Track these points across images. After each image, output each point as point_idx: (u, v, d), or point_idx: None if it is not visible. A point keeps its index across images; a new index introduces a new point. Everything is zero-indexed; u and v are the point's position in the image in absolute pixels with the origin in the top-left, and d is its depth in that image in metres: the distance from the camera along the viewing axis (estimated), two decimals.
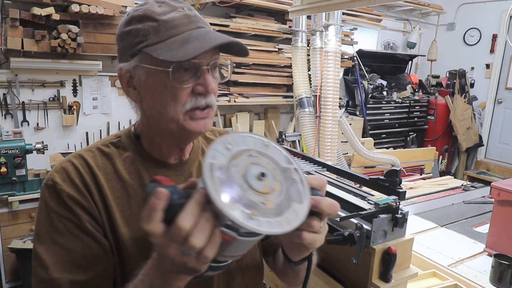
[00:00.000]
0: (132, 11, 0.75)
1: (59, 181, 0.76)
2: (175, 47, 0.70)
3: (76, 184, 0.76)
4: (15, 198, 2.75)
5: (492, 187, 1.66)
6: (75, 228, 0.73)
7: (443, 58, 5.88)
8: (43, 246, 0.73)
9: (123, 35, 0.75)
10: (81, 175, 0.77)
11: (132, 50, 0.73)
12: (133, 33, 0.73)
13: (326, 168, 1.43)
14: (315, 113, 3.46)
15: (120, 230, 0.77)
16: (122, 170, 0.80)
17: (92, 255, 0.74)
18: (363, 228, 1.05)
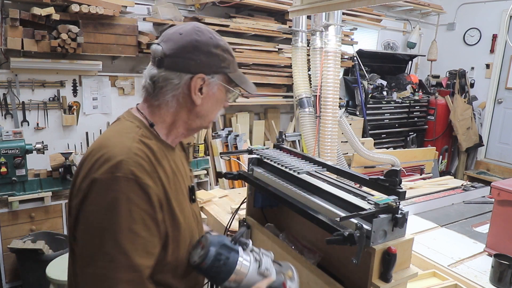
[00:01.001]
0: (216, 39, 0.96)
1: (140, 175, 0.82)
2: (243, 81, 1.02)
3: (153, 176, 0.85)
4: (15, 198, 2.75)
5: (492, 187, 1.66)
6: (149, 219, 0.83)
7: (443, 58, 5.88)
8: (122, 235, 0.78)
9: (210, 54, 0.95)
10: (153, 166, 0.87)
11: (217, 69, 0.96)
12: (220, 58, 0.96)
13: (326, 168, 1.43)
14: (315, 113, 3.46)
15: (178, 217, 0.91)
16: (160, 157, 0.92)
17: (155, 242, 0.85)
18: (363, 228, 1.05)
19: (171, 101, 0.95)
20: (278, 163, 1.46)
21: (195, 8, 3.79)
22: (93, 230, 0.79)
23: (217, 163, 3.85)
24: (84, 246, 0.81)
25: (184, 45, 0.93)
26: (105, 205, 0.79)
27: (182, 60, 0.93)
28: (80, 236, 0.82)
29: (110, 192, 0.79)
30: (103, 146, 0.86)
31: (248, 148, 1.68)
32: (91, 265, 0.78)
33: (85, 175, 0.83)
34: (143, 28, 3.49)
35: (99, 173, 0.81)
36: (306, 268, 1.30)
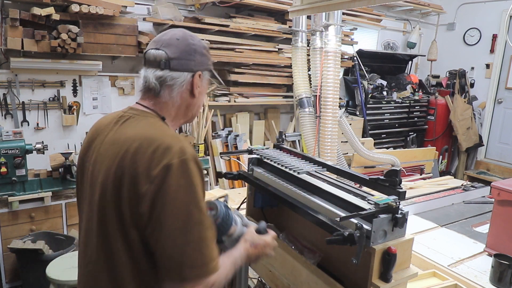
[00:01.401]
0: (202, 42, 1.13)
1: (196, 156, 0.98)
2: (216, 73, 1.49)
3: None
4: (15, 198, 2.75)
5: (492, 187, 1.66)
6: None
7: (443, 58, 5.88)
8: (202, 203, 0.95)
9: (202, 54, 1.11)
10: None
11: (207, 66, 1.13)
12: (208, 57, 1.14)
13: (326, 168, 1.43)
14: (315, 113, 3.46)
15: None
16: None
17: None
18: (363, 228, 1.05)
19: (175, 97, 1.08)
20: (278, 163, 1.46)
21: (195, 8, 3.79)
22: (180, 205, 0.91)
23: (217, 163, 3.85)
24: (174, 221, 0.90)
25: (185, 49, 1.07)
26: (184, 183, 0.92)
27: (185, 61, 1.07)
28: (167, 214, 0.90)
29: (185, 172, 0.92)
30: (152, 139, 0.96)
31: (248, 148, 1.68)
32: (185, 233, 0.91)
33: (151, 165, 0.92)
34: (143, 28, 3.49)
35: (169, 159, 0.92)
36: (306, 268, 1.30)
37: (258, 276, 1.88)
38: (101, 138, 1.05)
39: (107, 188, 0.95)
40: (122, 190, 0.93)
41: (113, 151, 0.98)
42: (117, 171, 0.94)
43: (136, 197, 0.91)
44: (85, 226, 1.05)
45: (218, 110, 4.11)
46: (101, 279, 0.99)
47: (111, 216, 0.95)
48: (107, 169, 0.96)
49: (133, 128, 1.01)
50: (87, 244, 1.03)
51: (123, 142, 0.97)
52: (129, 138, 0.97)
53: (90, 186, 1.02)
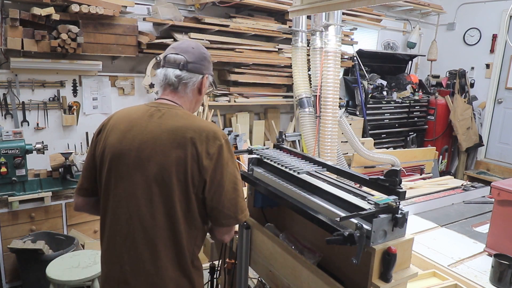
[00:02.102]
0: (208, 52, 1.42)
1: None
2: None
3: None
4: (15, 198, 2.74)
5: (492, 187, 1.66)
6: None
7: (443, 58, 5.88)
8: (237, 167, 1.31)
9: (209, 61, 1.41)
10: None
11: (211, 71, 1.42)
12: (211, 64, 1.43)
13: (326, 168, 1.43)
14: (315, 113, 3.46)
15: None
16: None
17: None
18: (363, 228, 1.05)
19: (189, 93, 1.36)
20: (278, 163, 1.47)
21: (195, 8, 3.79)
22: (231, 171, 1.27)
23: None
24: (229, 183, 1.25)
25: (199, 56, 1.36)
26: (230, 156, 1.28)
27: (198, 65, 1.35)
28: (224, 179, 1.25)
29: (229, 148, 1.28)
30: (201, 127, 1.25)
31: (248, 148, 1.68)
32: (236, 190, 1.28)
33: (208, 146, 1.23)
34: (143, 28, 3.49)
35: (220, 141, 1.25)
36: (306, 268, 1.30)
37: (258, 276, 1.88)
38: (140, 129, 1.27)
39: (168, 166, 1.21)
40: (186, 166, 1.21)
41: (168, 138, 1.23)
42: (179, 153, 1.21)
43: (199, 169, 1.22)
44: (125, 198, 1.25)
45: (218, 110, 4.11)
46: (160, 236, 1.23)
47: (173, 186, 1.21)
48: (165, 152, 1.22)
49: (176, 119, 1.27)
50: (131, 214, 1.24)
51: (175, 131, 1.23)
52: (180, 127, 1.24)
53: (134, 168, 1.24)
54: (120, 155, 1.26)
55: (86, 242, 2.92)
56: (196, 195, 1.23)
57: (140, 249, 1.23)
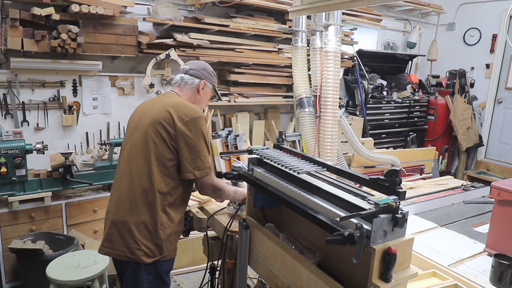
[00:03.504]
0: (210, 67, 1.93)
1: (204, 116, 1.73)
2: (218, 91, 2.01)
3: None
4: (15, 198, 2.74)
5: (492, 187, 1.66)
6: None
7: (443, 58, 5.88)
8: (205, 139, 1.69)
9: (210, 74, 1.91)
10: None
11: (210, 81, 1.91)
12: (212, 76, 1.92)
13: (326, 168, 1.43)
14: (315, 113, 3.46)
15: None
16: None
17: None
18: (363, 228, 1.05)
19: (188, 90, 1.86)
20: (278, 163, 1.46)
21: (195, 8, 3.79)
22: (194, 136, 1.66)
23: (217, 163, 3.85)
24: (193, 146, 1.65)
25: (199, 66, 1.89)
26: (198, 127, 1.67)
27: (197, 72, 1.87)
28: (190, 142, 1.65)
29: (201, 121, 1.69)
30: (185, 104, 1.71)
31: (248, 148, 1.68)
32: (200, 152, 1.67)
33: (184, 114, 1.66)
34: (143, 28, 3.49)
35: (194, 114, 1.67)
36: (306, 268, 1.30)
37: (258, 276, 1.88)
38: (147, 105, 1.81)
39: (155, 124, 1.65)
40: (165, 125, 1.64)
41: (158, 107, 1.70)
42: (164, 115, 1.65)
43: (173, 129, 1.64)
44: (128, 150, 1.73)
45: (218, 110, 4.11)
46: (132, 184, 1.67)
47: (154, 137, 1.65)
48: (155, 115, 1.67)
49: (170, 99, 1.75)
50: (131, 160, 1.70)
51: (164, 104, 1.70)
52: (169, 102, 1.71)
53: (136, 128, 1.73)
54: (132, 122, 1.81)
55: (86, 242, 2.92)
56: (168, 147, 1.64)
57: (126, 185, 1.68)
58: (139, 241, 1.62)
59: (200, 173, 1.66)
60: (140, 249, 1.62)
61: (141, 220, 1.63)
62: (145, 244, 1.63)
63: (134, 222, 1.64)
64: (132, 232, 1.63)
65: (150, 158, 1.64)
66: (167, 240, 1.67)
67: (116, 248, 1.66)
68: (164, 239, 1.66)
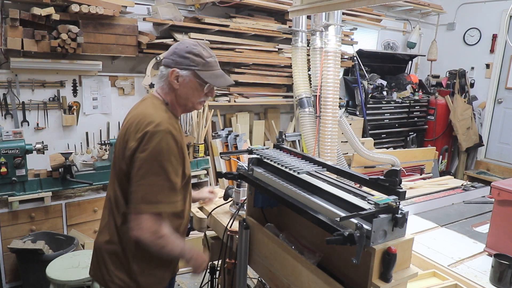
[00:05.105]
0: (190, 48, 1.40)
1: (172, 130, 1.34)
2: (213, 77, 1.44)
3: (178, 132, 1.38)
4: (15, 198, 2.74)
5: (492, 187, 1.66)
6: (178, 156, 1.36)
7: (443, 58, 5.88)
8: (167, 163, 1.32)
9: (182, 56, 1.40)
10: (177, 127, 1.40)
11: (187, 66, 1.40)
12: (190, 59, 1.40)
13: (326, 168, 1.43)
14: (315, 113, 3.47)
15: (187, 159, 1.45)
16: (175, 123, 1.42)
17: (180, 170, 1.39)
18: (363, 228, 1.05)
19: (165, 87, 1.45)
20: (278, 163, 1.46)
21: (195, 8, 3.79)
22: (147, 160, 1.30)
23: (217, 163, 3.85)
24: (140, 168, 1.30)
25: (169, 51, 1.44)
26: (153, 145, 1.30)
27: (167, 60, 1.43)
28: (138, 165, 1.31)
29: (156, 138, 1.30)
30: (145, 114, 1.36)
31: (248, 148, 1.68)
32: (145, 178, 1.30)
33: (137, 131, 1.33)
34: (143, 28, 3.49)
35: (149, 128, 1.31)
36: (306, 268, 1.30)
37: (258, 276, 1.88)
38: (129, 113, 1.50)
39: (119, 139, 1.43)
40: (122, 142, 1.39)
41: (127, 121, 1.43)
42: (123, 130, 1.41)
43: (128, 149, 1.34)
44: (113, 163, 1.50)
45: (218, 110, 4.11)
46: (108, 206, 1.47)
47: (118, 160, 1.41)
48: (121, 133, 1.43)
49: (141, 107, 1.43)
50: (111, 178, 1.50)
51: (132, 115, 1.42)
52: (137, 110, 1.43)
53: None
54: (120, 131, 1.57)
55: (86, 242, 2.92)
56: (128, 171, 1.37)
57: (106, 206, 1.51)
58: (112, 272, 1.41)
59: (147, 208, 1.29)
60: (113, 281, 1.41)
61: (112, 248, 1.42)
62: (118, 276, 1.41)
63: (106, 250, 1.44)
64: (105, 260, 1.43)
65: (115, 180, 1.42)
66: (144, 273, 1.41)
67: (95, 275, 1.50)
68: (139, 272, 1.40)
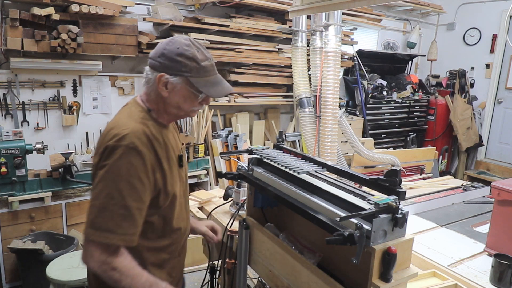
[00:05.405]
0: (182, 49, 1.18)
1: (138, 145, 1.12)
2: (208, 85, 1.22)
3: (148, 148, 1.15)
4: (15, 198, 2.75)
5: (492, 187, 1.66)
6: (144, 176, 1.14)
7: (443, 58, 5.88)
8: (122, 183, 1.10)
9: (172, 60, 1.18)
10: (149, 140, 1.17)
11: (177, 72, 1.18)
12: (182, 64, 1.18)
13: (326, 168, 1.43)
14: (315, 113, 3.47)
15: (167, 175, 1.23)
16: (155, 133, 1.21)
17: (147, 192, 1.16)
18: (363, 228, 1.04)
19: (151, 91, 1.24)
20: (278, 163, 1.46)
21: (195, 8, 3.79)
22: (103, 178, 1.11)
23: (217, 163, 3.85)
24: (95, 188, 1.13)
25: (156, 51, 1.21)
26: (111, 163, 1.10)
27: (154, 62, 1.21)
28: (94, 183, 1.14)
29: (116, 154, 1.11)
30: (115, 125, 1.17)
31: (248, 148, 1.68)
32: (97, 199, 1.11)
33: (101, 145, 1.16)
34: (143, 28, 3.49)
35: (110, 142, 1.12)
36: (306, 268, 1.30)
37: (258, 276, 1.88)
38: None
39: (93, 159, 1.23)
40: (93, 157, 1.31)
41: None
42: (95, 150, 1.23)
43: (93, 165, 1.20)
44: None
45: (218, 110, 4.11)
46: None
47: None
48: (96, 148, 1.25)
49: (117, 116, 1.25)
50: None
51: (106, 125, 1.24)
52: (108, 123, 1.24)
53: None
54: None
55: None
56: None
57: None
58: None
59: (95, 236, 1.08)
60: None
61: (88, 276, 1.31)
62: None
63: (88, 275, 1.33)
64: None
65: None
66: None
67: None
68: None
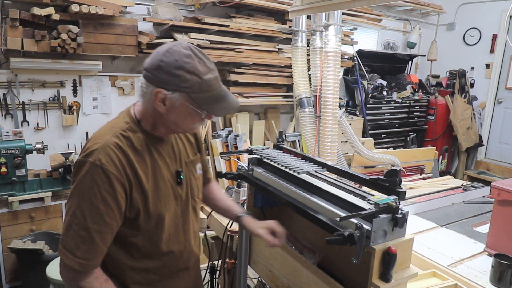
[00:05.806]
0: (182, 62, 1.05)
1: (105, 163, 1.05)
2: (212, 101, 1.10)
3: (117, 165, 1.06)
4: (15, 198, 2.75)
5: (492, 187, 1.66)
6: (109, 197, 1.06)
7: (443, 58, 5.88)
8: (84, 203, 1.05)
9: (170, 74, 1.05)
10: (118, 157, 1.07)
11: (177, 87, 1.06)
12: (181, 79, 1.05)
13: (326, 168, 1.43)
14: (315, 113, 3.47)
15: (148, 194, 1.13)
16: (139, 147, 1.13)
17: (112, 215, 1.08)
18: (363, 228, 1.05)
19: (147, 104, 1.13)
20: (278, 163, 1.46)
21: (195, 8, 3.79)
22: (72, 195, 1.08)
23: (217, 163, 3.85)
24: (67, 202, 1.10)
25: (152, 63, 1.08)
26: (77, 179, 1.06)
27: (149, 74, 1.08)
28: (68, 197, 1.10)
29: (82, 171, 1.06)
30: (93, 137, 1.13)
31: (248, 148, 1.68)
32: (66, 215, 1.08)
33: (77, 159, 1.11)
34: (143, 28, 3.49)
35: (80, 156, 1.09)
36: (306, 268, 1.30)
37: (258, 276, 1.88)
38: None
39: None
40: None
41: None
42: None
43: None
44: None
45: None
46: None
47: None
48: None
49: (102, 126, 1.18)
50: None
51: None
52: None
53: None
54: None
55: None
56: None
57: None
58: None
59: (61, 253, 1.07)
60: None
61: None
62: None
63: None
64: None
65: None
66: None
67: None
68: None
